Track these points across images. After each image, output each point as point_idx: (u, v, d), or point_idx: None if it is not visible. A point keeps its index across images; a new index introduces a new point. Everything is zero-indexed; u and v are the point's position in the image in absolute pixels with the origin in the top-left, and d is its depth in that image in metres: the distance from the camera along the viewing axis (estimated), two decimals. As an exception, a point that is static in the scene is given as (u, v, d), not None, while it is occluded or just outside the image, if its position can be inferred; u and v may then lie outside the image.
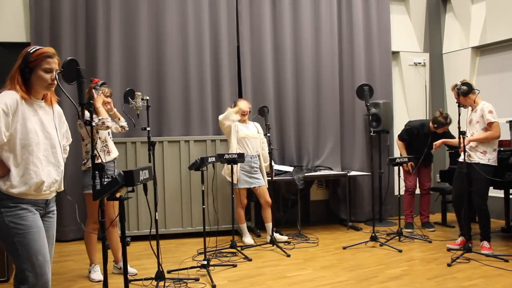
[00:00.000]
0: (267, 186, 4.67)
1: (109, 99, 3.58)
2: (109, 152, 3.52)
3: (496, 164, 4.03)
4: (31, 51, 2.04)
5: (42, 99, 2.12)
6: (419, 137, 5.05)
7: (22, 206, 1.98)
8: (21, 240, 1.96)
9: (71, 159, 4.74)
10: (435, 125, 4.84)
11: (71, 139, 2.37)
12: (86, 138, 3.44)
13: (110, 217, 3.45)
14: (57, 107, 2.21)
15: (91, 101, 3.42)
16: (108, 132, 3.57)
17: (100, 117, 3.29)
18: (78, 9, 4.91)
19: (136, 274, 3.56)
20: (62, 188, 2.20)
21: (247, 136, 4.64)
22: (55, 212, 2.21)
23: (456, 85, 4.02)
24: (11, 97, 1.96)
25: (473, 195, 4.08)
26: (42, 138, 2.05)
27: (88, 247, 3.51)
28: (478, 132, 4.02)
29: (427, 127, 5.00)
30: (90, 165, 3.34)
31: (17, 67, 2.02)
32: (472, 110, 4.12)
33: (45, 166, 2.05)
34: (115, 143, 4.63)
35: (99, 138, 3.44)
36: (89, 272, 3.54)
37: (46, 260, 2.02)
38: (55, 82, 2.08)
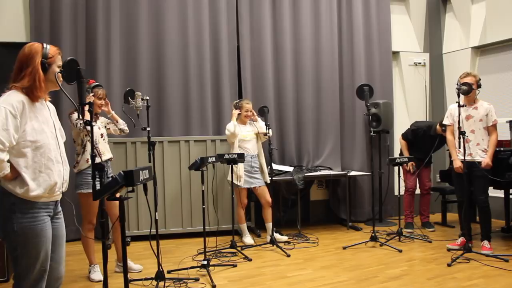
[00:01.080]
0: (268, 182, 4.65)
1: (102, 101, 3.53)
2: (100, 155, 3.44)
3: None
4: (47, 47, 2.04)
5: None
6: (425, 138, 5.03)
7: (36, 213, 1.95)
8: (23, 247, 1.93)
9: (69, 160, 4.75)
10: (443, 128, 4.78)
11: (65, 137, 2.31)
12: (76, 140, 3.43)
13: (116, 215, 3.45)
14: (50, 104, 2.18)
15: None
16: (101, 134, 3.53)
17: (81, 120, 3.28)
18: (78, 9, 4.90)
19: (141, 271, 3.60)
20: (67, 188, 2.19)
21: (245, 138, 4.62)
22: (61, 212, 2.20)
23: (474, 75, 4.03)
24: (16, 98, 1.92)
25: (476, 193, 4.06)
26: (50, 138, 2.03)
27: (86, 249, 3.50)
28: (481, 130, 4.00)
29: (434, 129, 4.97)
30: (83, 167, 3.36)
31: (39, 62, 1.99)
32: (471, 107, 4.09)
33: (56, 166, 2.03)
34: (114, 143, 4.66)
35: (88, 140, 3.38)
36: (89, 272, 3.54)
37: (44, 268, 2.00)
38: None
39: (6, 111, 1.87)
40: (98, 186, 2.13)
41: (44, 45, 2.05)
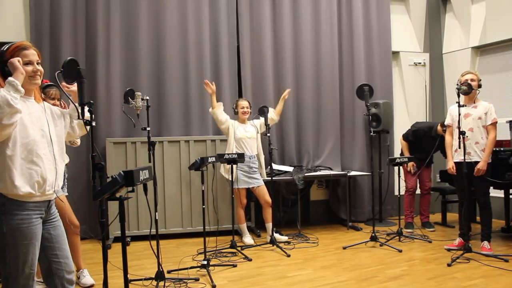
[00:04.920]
0: (264, 178, 4.64)
1: (56, 101, 3.27)
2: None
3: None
4: (4, 49, 1.99)
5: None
6: (425, 139, 5.02)
7: (26, 215, 1.93)
8: (11, 251, 1.91)
9: (70, 159, 4.75)
10: (444, 129, 4.78)
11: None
12: None
13: (71, 222, 3.27)
14: (48, 104, 2.17)
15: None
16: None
17: None
18: (78, 9, 4.90)
19: (92, 286, 3.34)
20: (60, 186, 2.19)
21: (245, 137, 4.63)
22: (57, 214, 2.18)
23: (476, 74, 4.05)
24: None
25: (477, 194, 4.05)
26: (38, 135, 2.01)
27: (73, 253, 3.17)
28: (480, 128, 3.98)
29: (435, 130, 4.96)
30: None
31: None
32: (470, 105, 4.07)
33: (46, 164, 2.02)
34: (114, 143, 4.66)
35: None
36: (78, 278, 3.35)
37: (32, 271, 1.98)
38: (39, 73, 2.03)
39: None
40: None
41: (3, 47, 1.99)
